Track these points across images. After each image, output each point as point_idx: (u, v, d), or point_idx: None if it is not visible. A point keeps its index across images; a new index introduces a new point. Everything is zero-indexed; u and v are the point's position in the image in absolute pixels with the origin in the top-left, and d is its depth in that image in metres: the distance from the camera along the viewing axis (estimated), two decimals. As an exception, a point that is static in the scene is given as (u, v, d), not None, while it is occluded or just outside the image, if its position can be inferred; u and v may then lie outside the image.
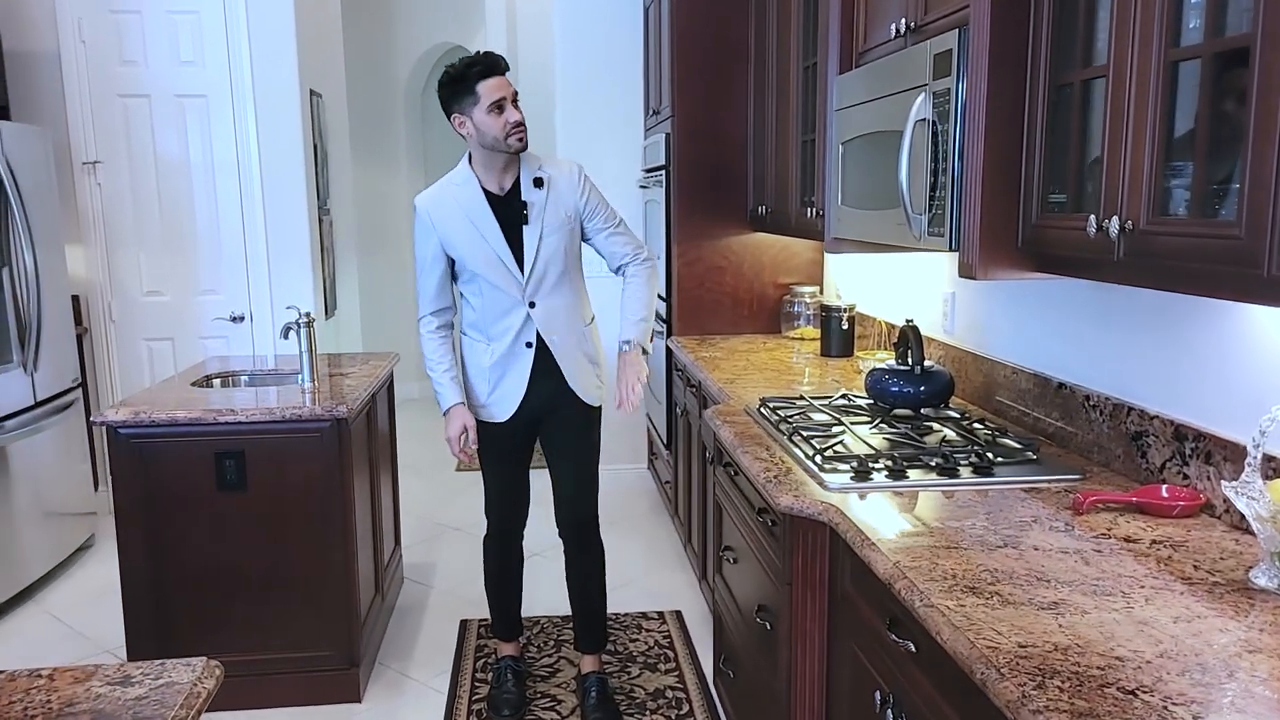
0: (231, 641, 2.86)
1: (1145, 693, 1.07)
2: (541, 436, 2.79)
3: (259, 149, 4.49)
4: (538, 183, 2.62)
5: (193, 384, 3.17)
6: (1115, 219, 1.44)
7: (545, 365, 2.67)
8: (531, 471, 2.87)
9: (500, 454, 2.77)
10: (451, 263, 2.65)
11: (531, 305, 2.62)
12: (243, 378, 3.42)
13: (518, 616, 3.01)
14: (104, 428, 2.75)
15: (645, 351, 2.74)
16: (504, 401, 2.69)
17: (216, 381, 3.33)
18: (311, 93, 4.79)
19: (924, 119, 1.95)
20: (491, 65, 2.47)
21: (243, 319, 4.63)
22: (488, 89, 2.46)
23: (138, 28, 4.36)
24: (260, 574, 2.84)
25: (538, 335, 2.65)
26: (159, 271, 4.56)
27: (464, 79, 2.46)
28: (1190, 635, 1.21)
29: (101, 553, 4.21)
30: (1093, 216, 1.49)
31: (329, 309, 5.13)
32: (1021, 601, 1.31)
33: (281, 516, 2.82)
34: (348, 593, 2.87)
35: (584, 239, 2.72)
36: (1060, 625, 1.24)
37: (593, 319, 2.80)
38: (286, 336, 3.10)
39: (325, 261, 5.05)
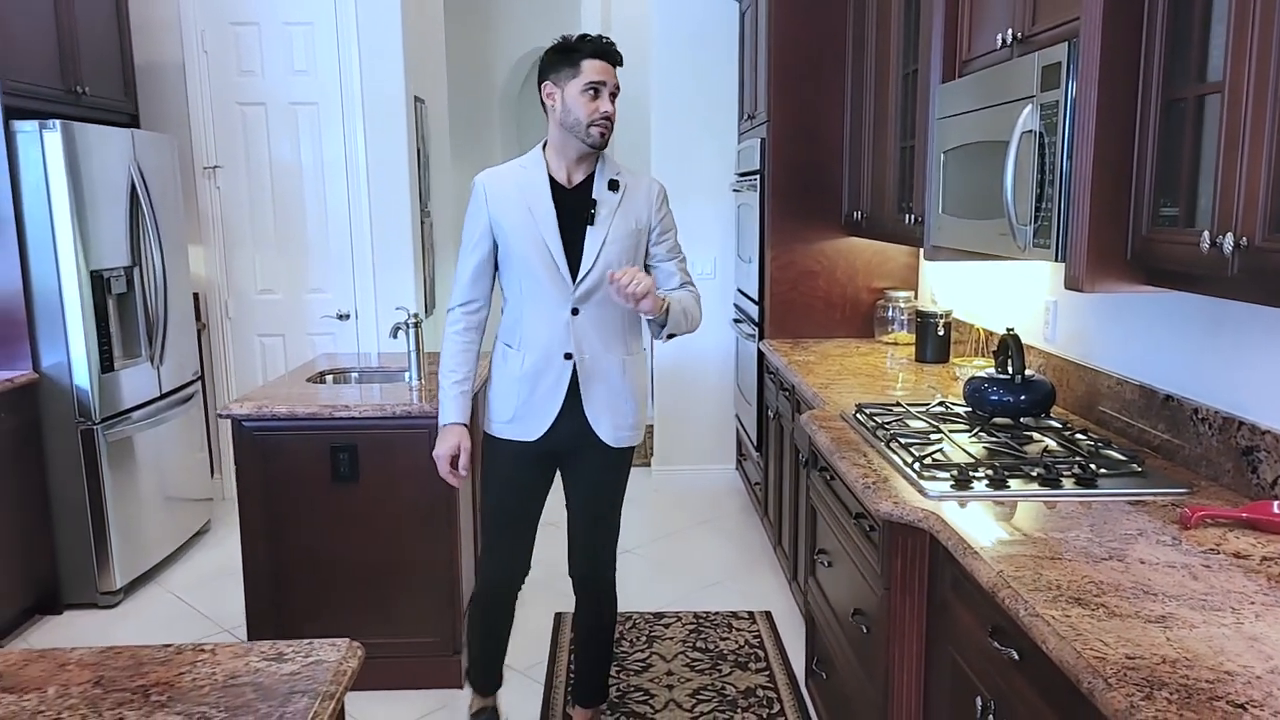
0: (342, 625, 3.01)
1: (1255, 707, 1.08)
2: (564, 472, 2.55)
3: (366, 154, 4.68)
4: (613, 185, 2.40)
5: (308, 380, 3.33)
6: (1229, 235, 1.44)
7: (581, 390, 2.42)
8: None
9: (515, 485, 2.48)
10: (495, 252, 2.42)
11: (574, 312, 2.37)
12: (353, 375, 3.58)
13: (500, 669, 2.74)
14: (229, 420, 2.93)
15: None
16: (533, 418, 2.41)
17: (329, 378, 3.49)
18: (415, 99, 4.96)
19: (1030, 130, 1.96)
20: (605, 49, 2.30)
21: (348, 317, 4.82)
22: (592, 67, 2.27)
23: (255, 39, 4.58)
24: (370, 562, 2.98)
25: (576, 347, 2.40)
26: (272, 271, 4.79)
27: (574, 50, 2.28)
28: (1302, 653, 1.22)
29: (217, 537, 4.44)
30: (1206, 232, 1.49)
31: (428, 308, 5.30)
32: (1128, 614, 1.33)
33: (391, 508, 2.95)
34: (452, 583, 2.99)
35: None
36: (1168, 639, 1.25)
37: (641, 351, 2.51)
38: (395, 336, 3.24)
39: (426, 261, 5.23)
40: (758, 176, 4.10)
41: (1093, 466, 1.98)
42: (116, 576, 3.72)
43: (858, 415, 2.52)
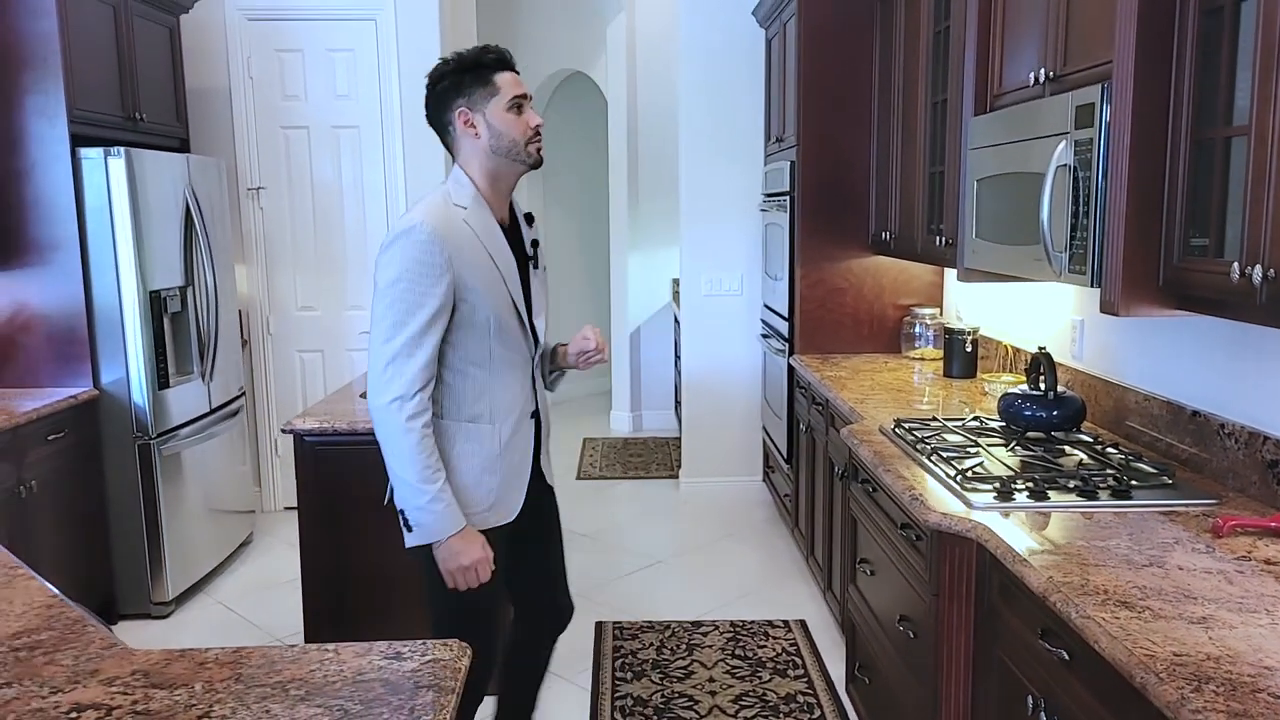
0: (398, 634, 3.13)
1: (1293, 699, 1.21)
2: (522, 536, 2.27)
3: (405, 175, 4.83)
4: (529, 219, 2.21)
5: (361, 395, 3.47)
6: (1258, 267, 1.57)
7: (539, 444, 2.25)
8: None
9: (495, 575, 2.15)
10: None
11: (536, 365, 2.22)
12: (401, 391, 3.71)
13: None
14: (291, 435, 3.06)
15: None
16: (512, 494, 2.17)
17: (378, 394, 3.63)
18: (450, 122, 5.11)
19: (1065, 165, 2.09)
20: (509, 59, 2.07)
21: (386, 333, 4.96)
22: (507, 80, 2.03)
23: (299, 65, 4.75)
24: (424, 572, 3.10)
25: (537, 404, 2.22)
26: (312, 288, 4.94)
27: (479, 66, 2.02)
28: (1333, 651, 1.34)
29: (260, 548, 4.58)
30: (1236, 263, 1.62)
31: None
32: (1172, 616, 1.45)
33: (445, 520, 3.08)
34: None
35: None
36: (1210, 638, 1.38)
37: None
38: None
39: (459, 279, 5.37)
40: (787, 197, 4.23)
41: (1126, 478, 2.11)
42: (169, 587, 3.85)
43: (896, 430, 2.64)
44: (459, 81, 2.03)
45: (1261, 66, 1.57)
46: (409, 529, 2.05)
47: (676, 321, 6.18)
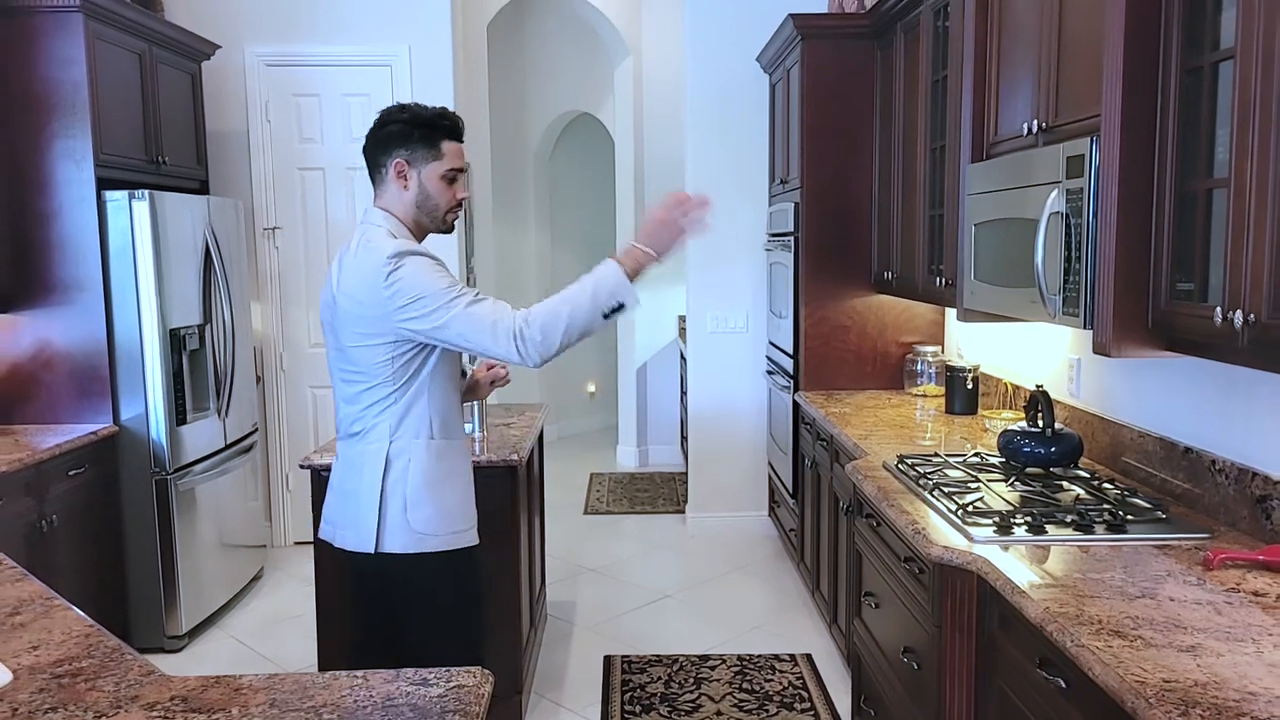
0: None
1: (1276, 723, 1.27)
2: None
3: (416, 216, 4.95)
4: None
5: (375, 432, 3.55)
6: (1239, 312, 1.65)
7: None
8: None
9: (478, 594, 2.37)
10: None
11: None
12: (414, 427, 3.79)
13: None
14: (308, 470, 3.14)
15: None
16: (475, 509, 2.34)
17: (392, 430, 3.71)
18: (461, 164, 5.24)
19: (1058, 212, 2.18)
20: (460, 129, 2.15)
21: (397, 370, 5.05)
22: (451, 151, 2.12)
23: (315, 109, 4.89)
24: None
25: None
26: (325, 326, 5.03)
27: (432, 127, 2.10)
28: (1315, 678, 1.41)
29: (270, 583, 4.63)
30: (1219, 308, 1.71)
31: (473, 358, 5.53)
32: (1162, 644, 1.52)
33: (458, 553, 3.15)
34: (514, 625, 3.18)
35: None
36: (1198, 665, 1.44)
37: None
38: (459, 391, 3.45)
39: (469, 317, 5.46)
40: (791, 237, 4.34)
41: (1121, 513, 2.18)
42: (183, 621, 3.90)
43: (899, 465, 2.72)
44: (407, 134, 2.10)
45: (1239, 122, 1.66)
46: (621, 309, 2.04)
47: (683, 358, 6.27)
